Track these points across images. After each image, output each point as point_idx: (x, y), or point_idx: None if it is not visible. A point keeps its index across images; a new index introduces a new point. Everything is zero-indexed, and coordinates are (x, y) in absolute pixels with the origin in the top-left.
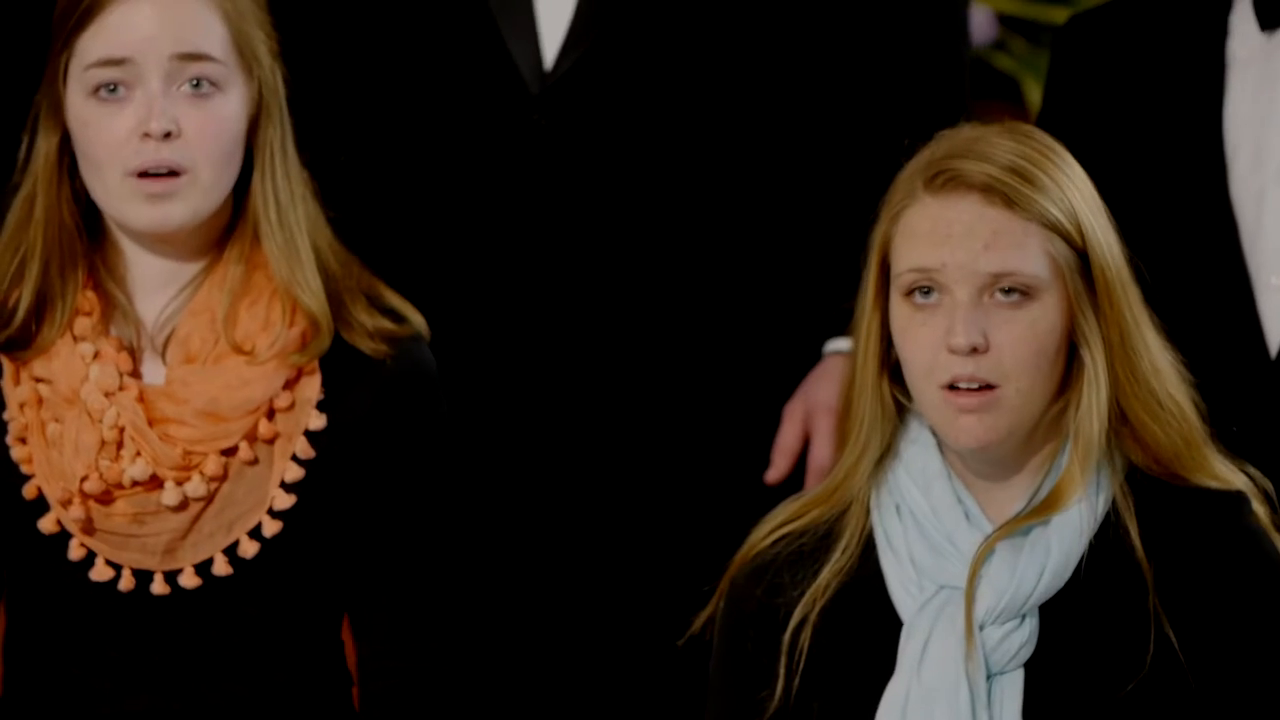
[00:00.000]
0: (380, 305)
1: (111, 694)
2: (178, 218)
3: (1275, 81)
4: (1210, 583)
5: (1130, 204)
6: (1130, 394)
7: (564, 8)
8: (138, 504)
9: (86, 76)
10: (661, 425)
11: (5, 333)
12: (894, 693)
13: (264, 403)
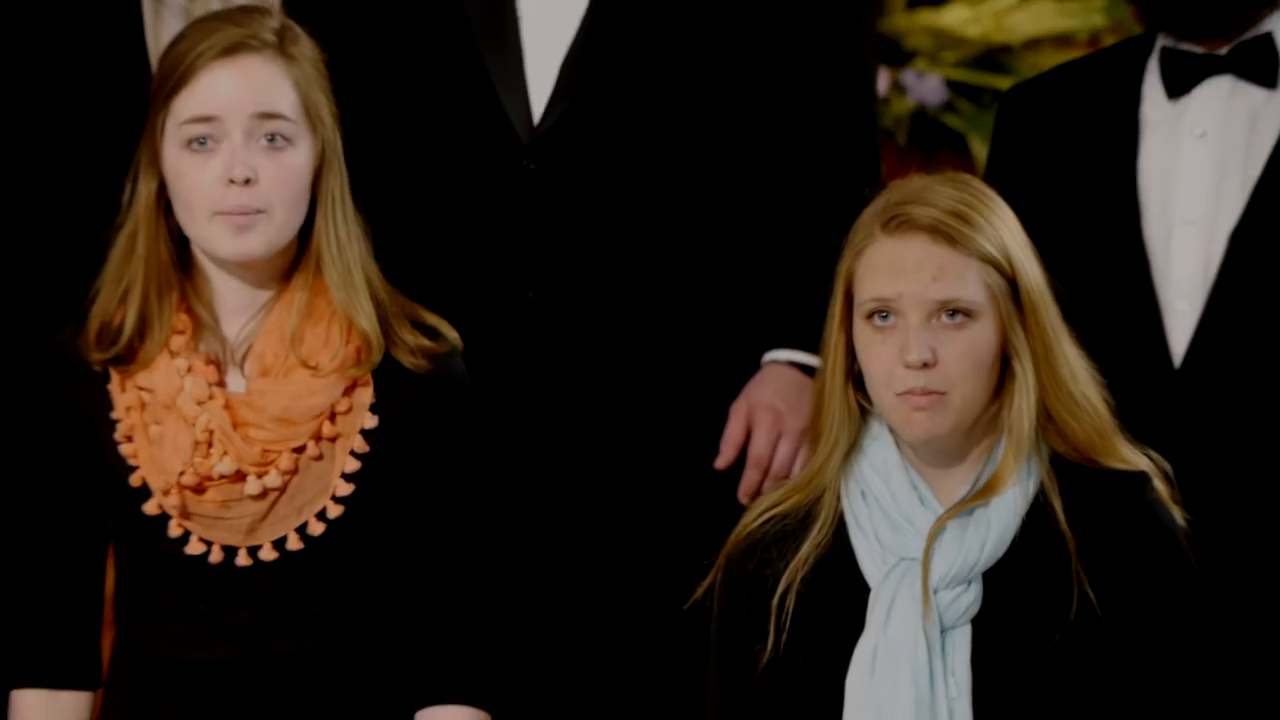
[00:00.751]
0: (420, 325)
1: (203, 642)
2: (256, 249)
3: (1179, 140)
4: (1119, 548)
5: (1061, 241)
6: (1053, 396)
7: (549, 72)
8: (225, 493)
9: (180, 131)
10: (640, 424)
11: (113, 349)
12: (864, 646)
13: (327, 408)
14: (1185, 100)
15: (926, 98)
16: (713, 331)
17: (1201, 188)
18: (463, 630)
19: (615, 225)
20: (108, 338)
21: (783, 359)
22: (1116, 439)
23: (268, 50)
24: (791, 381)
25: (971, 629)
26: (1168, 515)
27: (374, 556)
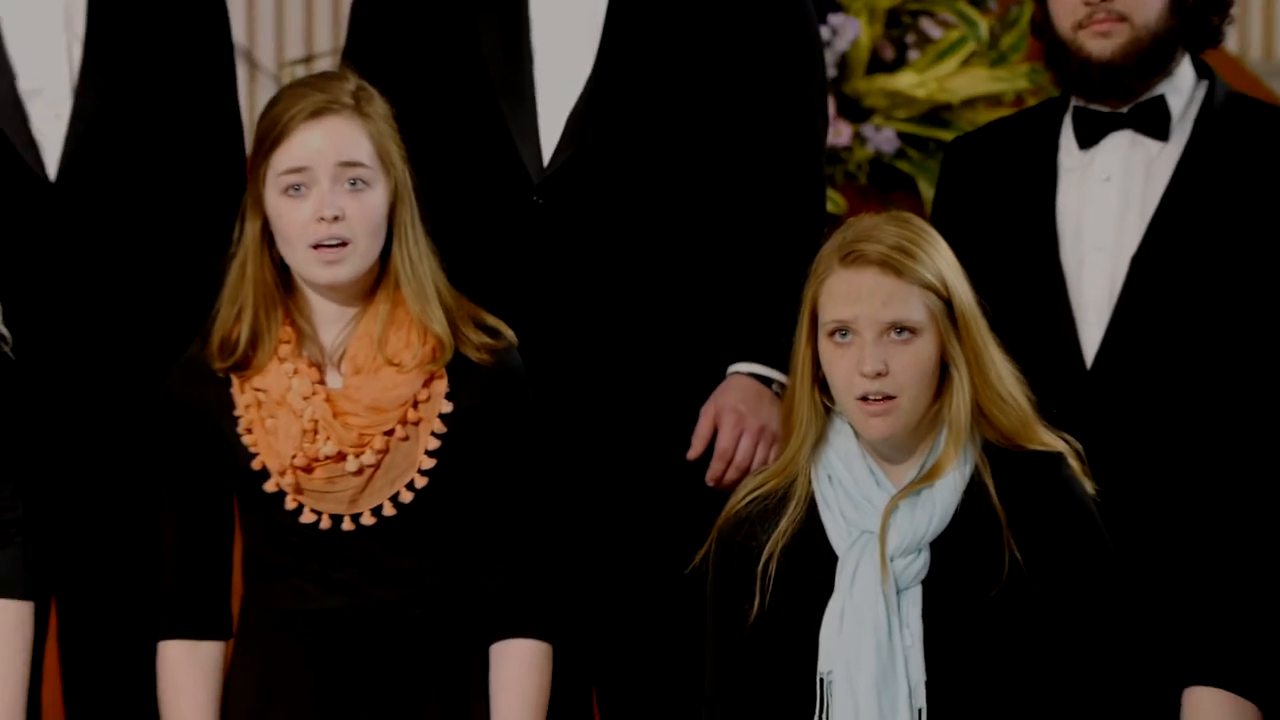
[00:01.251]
0: (483, 325)
1: (318, 595)
2: (345, 274)
3: (1089, 183)
4: (1041, 517)
5: (995, 265)
6: (983, 394)
7: (557, 123)
8: (330, 471)
9: (279, 180)
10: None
11: (232, 359)
12: (834, 605)
13: (410, 398)
14: (1094, 150)
15: (882, 147)
16: (687, 346)
17: (1108, 222)
18: (525, 576)
19: (610, 252)
20: (227, 349)
21: (744, 370)
22: (1037, 426)
23: (347, 110)
24: (751, 389)
25: (921, 589)
26: (1080, 488)
27: (452, 518)
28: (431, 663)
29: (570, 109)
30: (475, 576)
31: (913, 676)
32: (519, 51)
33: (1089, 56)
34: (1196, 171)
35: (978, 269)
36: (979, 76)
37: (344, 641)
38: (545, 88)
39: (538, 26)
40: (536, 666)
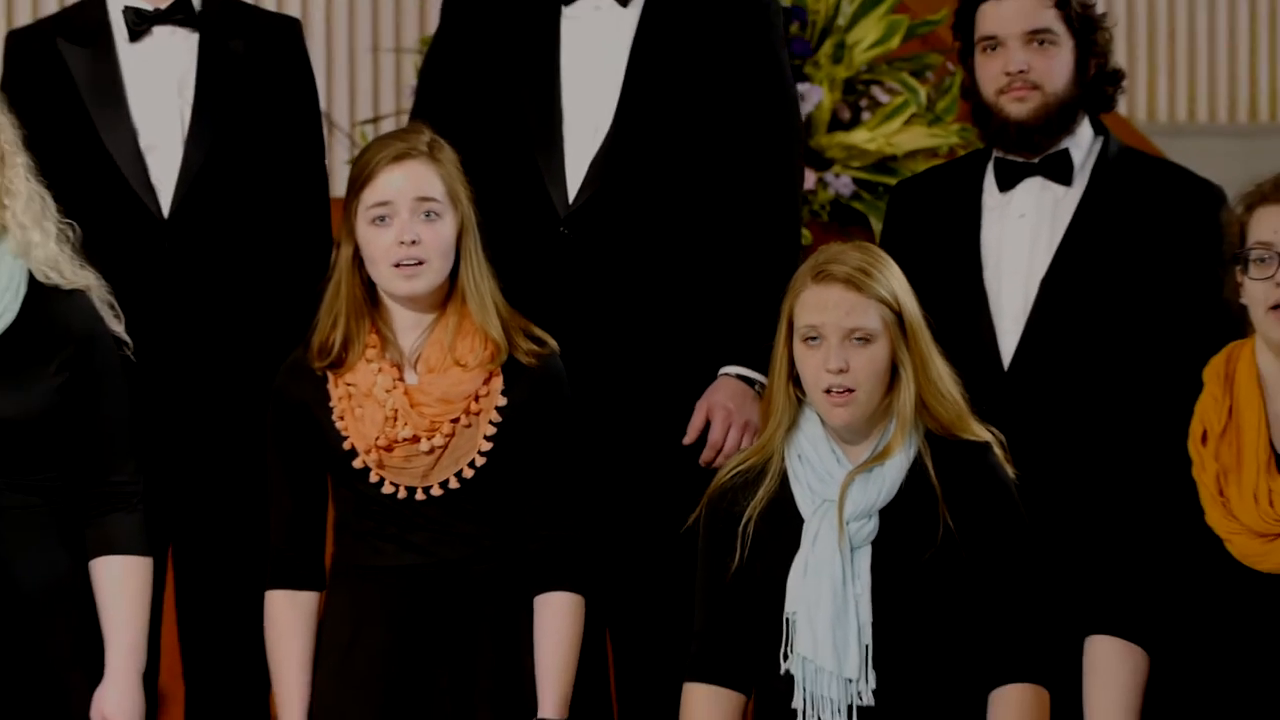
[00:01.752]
0: (531, 335)
1: (394, 553)
2: (420, 288)
3: (1006, 219)
4: (970, 493)
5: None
6: (926, 391)
7: (581, 167)
8: (406, 451)
9: (367, 213)
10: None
11: (328, 359)
12: (799, 559)
13: (472, 393)
14: (1011, 193)
15: (841, 191)
16: (685, 350)
17: (1022, 251)
18: (564, 541)
19: (624, 274)
20: (324, 352)
21: (732, 372)
22: (969, 419)
23: (422, 156)
24: (738, 389)
25: (871, 548)
26: (1003, 470)
27: (505, 492)
28: (486, 610)
29: (591, 158)
30: (523, 540)
31: (861, 618)
32: (551, 112)
33: (1008, 117)
34: (1094, 210)
35: (917, 288)
36: (918, 133)
37: (415, 592)
38: (571, 141)
39: (566, 91)
40: (572, 614)
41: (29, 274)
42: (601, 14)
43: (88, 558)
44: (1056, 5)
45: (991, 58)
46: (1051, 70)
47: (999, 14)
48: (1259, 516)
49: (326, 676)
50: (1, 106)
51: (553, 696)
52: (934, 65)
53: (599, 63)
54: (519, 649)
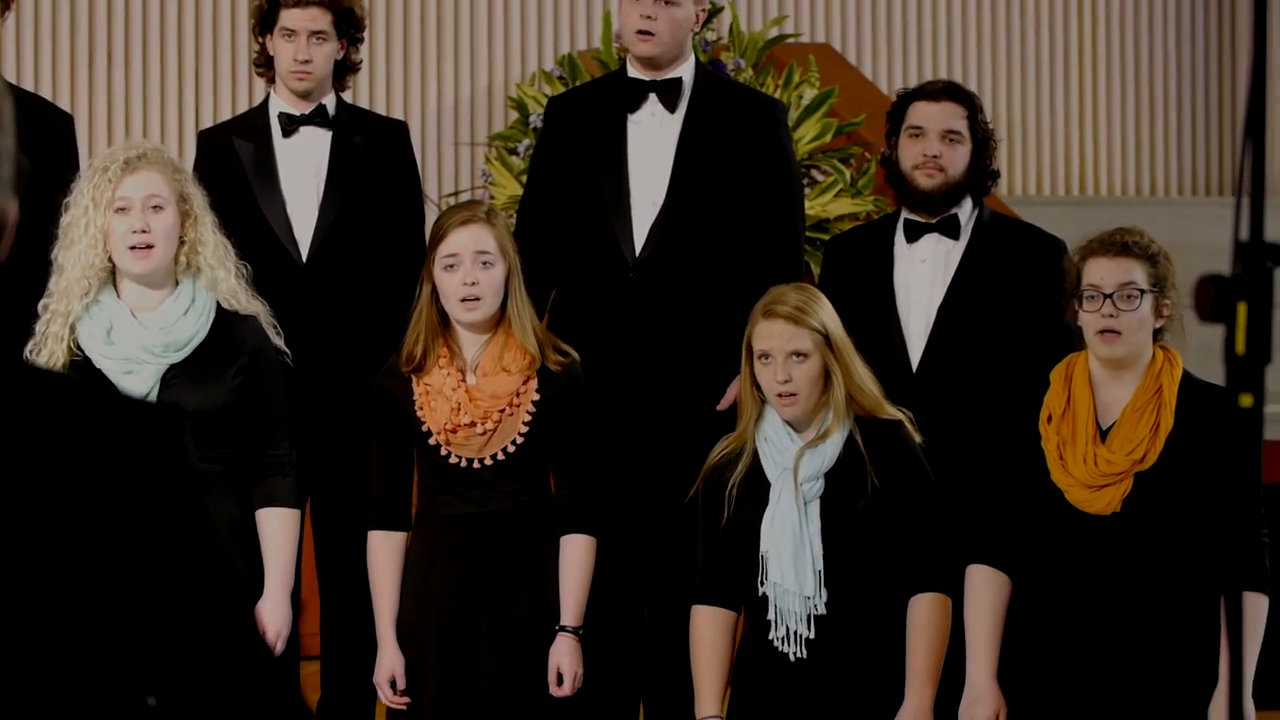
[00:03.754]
0: (559, 349)
1: (457, 505)
2: (478, 316)
3: (912, 264)
4: (889, 458)
5: (857, 313)
6: (851, 388)
7: (645, 225)
8: (466, 433)
9: (441, 261)
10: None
11: (412, 366)
12: (769, 512)
13: (515, 391)
14: (915, 244)
15: None
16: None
17: (924, 286)
18: (582, 497)
19: (677, 305)
20: (410, 361)
21: None
22: (885, 404)
23: (481, 221)
24: None
25: (820, 502)
26: (911, 440)
27: (538, 462)
28: (524, 547)
29: (651, 223)
30: (553, 496)
31: (814, 552)
32: (621, 189)
33: (918, 187)
34: (974, 258)
35: (848, 314)
36: (844, 203)
37: (471, 534)
38: (636, 210)
39: (632, 175)
40: (588, 550)
41: (216, 303)
42: (656, 119)
43: (254, 509)
44: (967, 117)
45: (914, 142)
46: (955, 160)
47: (926, 112)
48: (1087, 473)
49: (408, 594)
50: (194, 180)
51: (572, 610)
52: (855, 154)
53: (655, 154)
54: (547, 576)
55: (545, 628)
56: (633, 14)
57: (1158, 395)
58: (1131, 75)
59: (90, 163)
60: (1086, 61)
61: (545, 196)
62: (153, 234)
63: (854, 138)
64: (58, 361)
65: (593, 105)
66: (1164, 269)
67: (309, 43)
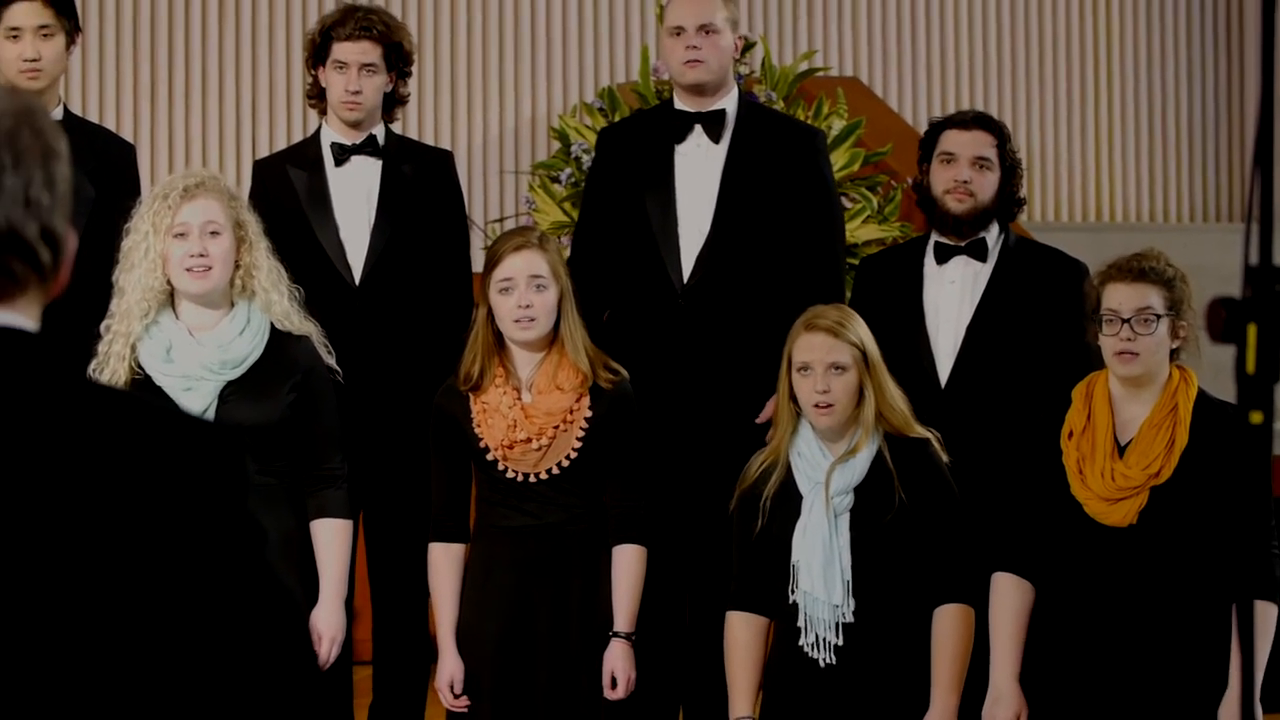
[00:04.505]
0: (609, 367)
1: (514, 517)
2: (532, 336)
3: (942, 285)
4: (915, 474)
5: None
6: (882, 405)
7: (692, 255)
8: (522, 449)
9: (497, 285)
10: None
11: (469, 385)
12: (800, 523)
13: (568, 409)
14: (944, 266)
15: None
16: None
17: (952, 306)
18: (632, 509)
19: (723, 328)
20: (468, 380)
21: None
22: (914, 423)
23: (534, 246)
24: None
25: (849, 515)
26: (938, 458)
27: (591, 476)
28: (577, 557)
29: (698, 251)
30: (604, 508)
31: (843, 562)
32: (669, 218)
33: (949, 210)
34: (1001, 280)
35: (878, 332)
36: (871, 229)
37: (529, 544)
38: (684, 238)
39: (679, 204)
40: (639, 559)
41: (270, 324)
42: (701, 150)
43: (308, 520)
44: (996, 145)
45: (946, 167)
46: (985, 185)
47: (958, 139)
48: (1105, 488)
49: (468, 603)
50: (249, 208)
51: (624, 616)
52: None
53: (701, 183)
54: (599, 584)
55: (598, 634)
56: (677, 47)
57: (1173, 413)
58: (1145, 108)
59: (151, 190)
60: (1103, 95)
61: (597, 224)
62: (210, 257)
63: (881, 166)
64: (119, 379)
65: (641, 136)
66: (1180, 292)
67: (360, 75)
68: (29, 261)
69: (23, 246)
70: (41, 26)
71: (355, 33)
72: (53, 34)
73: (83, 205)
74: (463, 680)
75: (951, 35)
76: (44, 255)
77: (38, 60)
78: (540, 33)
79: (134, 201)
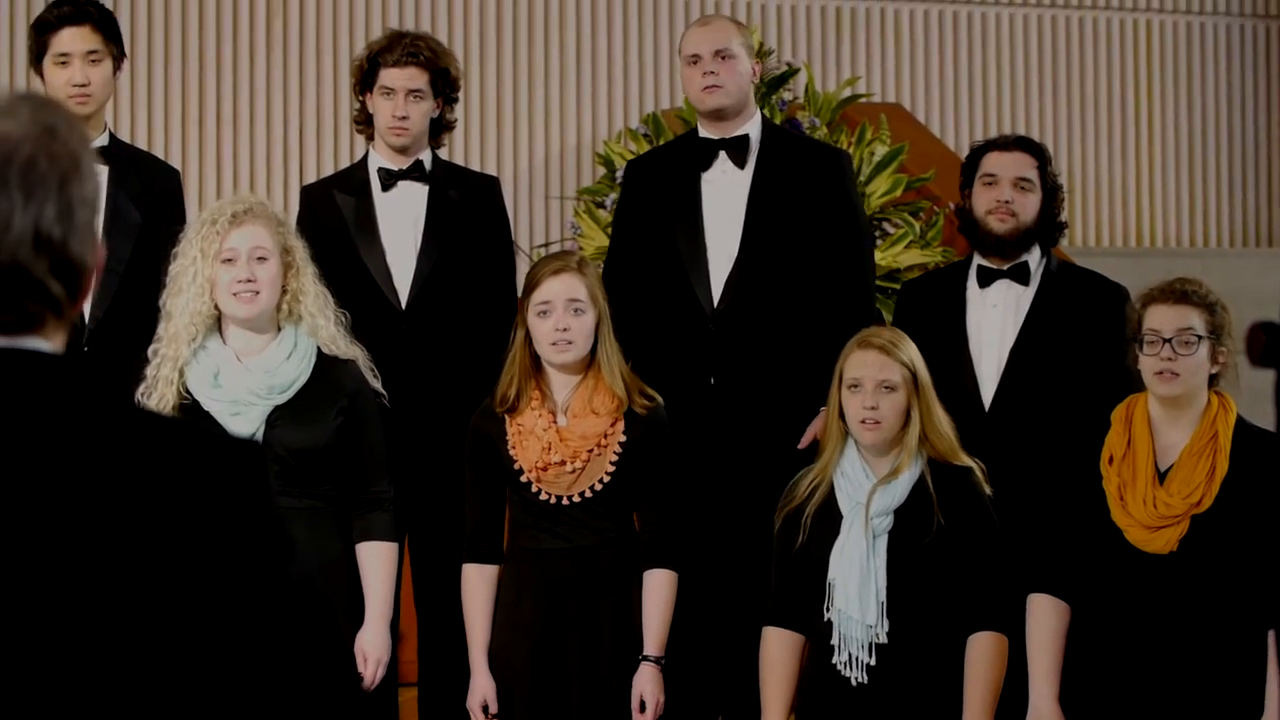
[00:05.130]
0: (644, 393)
1: (546, 540)
2: (569, 359)
3: (985, 308)
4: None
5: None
6: (928, 428)
7: (721, 280)
8: (556, 471)
9: (535, 308)
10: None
11: (505, 407)
12: (839, 542)
13: (603, 432)
14: (987, 290)
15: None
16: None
17: (995, 330)
18: (664, 533)
19: (753, 351)
20: (504, 402)
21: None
22: (959, 451)
23: (573, 270)
24: None
25: (887, 537)
26: (980, 488)
27: (624, 499)
28: (609, 580)
29: (726, 276)
30: (636, 531)
31: (879, 583)
32: (697, 245)
33: (991, 231)
34: (1043, 303)
35: (923, 356)
36: (914, 254)
37: (561, 566)
38: (713, 264)
39: (707, 231)
40: (669, 584)
41: (317, 348)
42: (727, 176)
43: (354, 542)
44: (1038, 167)
45: (988, 189)
46: (1027, 206)
47: (1000, 161)
48: (1146, 514)
49: (500, 624)
50: (296, 234)
51: (654, 640)
52: (925, 207)
53: (727, 210)
54: (630, 607)
55: (629, 656)
56: (695, 75)
57: (1213, 441)
58: (1186, 134)
59: (199, 215)
60: (1144, 121)
61: (627, 253)
62: (257, 282)
63: (923, 192)
64: (167, 404)
65: (668, 166)
66: (1220, 318)
67: (407, 100)
68: (40, 299)
69: (33, 286)
70: (90, 52)
71: (402, 59)
72: (100, 59)
73: (129, 230)
74: (495, 700)
75: (994, 61)
76: (55, 289)
77: (86, 85)
78: (585, 59)
79: (181, 227)
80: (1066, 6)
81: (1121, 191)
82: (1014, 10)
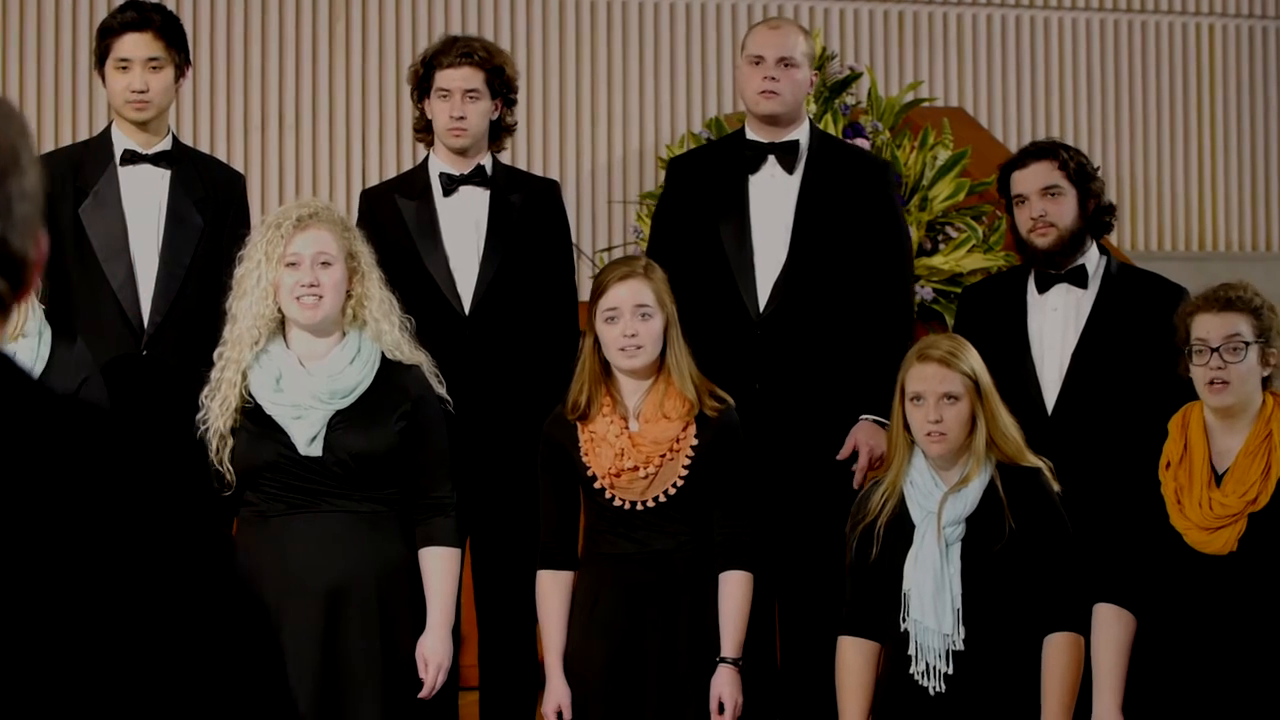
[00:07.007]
0: (715, 395)
1: (621, 544)
2: (638, 364)
3: (1044, 312)
4: (1027, 505)
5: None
6: (995, 434)
7: (767, 285)
8: (630, 477)
9: (602, 314)
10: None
11: (577, 414)
12: (913, 552)
13: (675, 437)
14: (1046, 294)
15: (925, 297)
16: (837, 403)
17: (1056, 334)
18: (739, 535)
19: (799, 356)
20: (575, 409)
21: (869, 417)
22: (1026, 452)
23: (640, 275)
24: (873, 428)
25: (960, 544)
26: (1050, 488)
27: (698, 503)
28: (685, 583)
29: (774, 281)
30: (711, 534)
31: (954, 591)
32: (744, 248)
33: (1037, 248)
34: (1103, 306)
35: (984, 361)
36: (976, 258)
37: (637, 571)
38: (760, 269)
39: (755, 234)
40: (746, 586)
41: (381, 353)
42: (775, 180)
43: (417, 547)
44: (1060, 167)
45: (1022, 208)
46: (1062, 212)
47: (1022, 177)
48: (1203, 517)
49: (576, 629)
50: (361, 239)
51: (731, 641)
52: (987, 212)
53: (776, 214)
54: (707, 610)
55: (706, 659)
56: (754, 77)
57: (1268, 440)
58: (1247, 137)
59: (263, 219)
60: (1205, 124)
61: (667, 249)
62: (320, 287)
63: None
64: (230, 406)
65: (713, 166)
66: (1268, 320)
67: (463, 100)
68: None
69: None
70: (151, 59)
71: (457, 60)
72: (162, 66)
73: (190, 234)
74: (569, 706)
75: (1056, 66)
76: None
77: (145, 92)
78: (648, 63)
79: (245, 230)
80: (1129, 10)
81: (1184, 195)
82: (1076, 14)
